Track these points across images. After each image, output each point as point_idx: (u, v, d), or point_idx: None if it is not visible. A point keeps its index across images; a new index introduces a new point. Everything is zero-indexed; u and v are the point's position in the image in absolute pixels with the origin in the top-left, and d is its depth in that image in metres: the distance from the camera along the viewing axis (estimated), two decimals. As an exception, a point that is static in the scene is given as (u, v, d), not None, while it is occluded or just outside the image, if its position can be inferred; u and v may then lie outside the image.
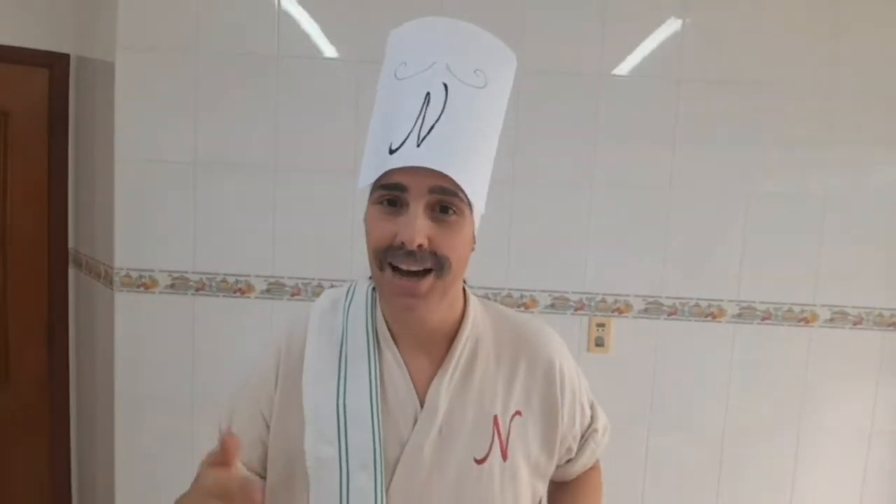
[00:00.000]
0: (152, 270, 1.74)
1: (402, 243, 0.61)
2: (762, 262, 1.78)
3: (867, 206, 1.78)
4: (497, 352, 0.75)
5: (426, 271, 0.63)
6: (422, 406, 0.70)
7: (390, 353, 0.71)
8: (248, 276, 1.74)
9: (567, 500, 0.85)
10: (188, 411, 1.77)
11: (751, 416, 1.82)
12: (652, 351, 1.79)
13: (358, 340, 0.72)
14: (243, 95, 1.71)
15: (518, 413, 0.74)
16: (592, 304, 1.77)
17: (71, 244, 2.03)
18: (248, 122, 1.71)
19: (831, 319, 1.80)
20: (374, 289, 0.76)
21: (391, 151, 0.62)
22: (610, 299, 1.77)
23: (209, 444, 1.95)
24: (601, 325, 1.77)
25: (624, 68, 1.72)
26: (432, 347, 0.72)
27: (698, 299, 1.78)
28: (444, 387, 0.71)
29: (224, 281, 1.74)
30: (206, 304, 1.74)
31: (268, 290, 1.75)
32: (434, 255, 0.63)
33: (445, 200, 0.63)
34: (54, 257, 1.99)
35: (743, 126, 1.74)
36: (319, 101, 1.71)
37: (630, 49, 1.71)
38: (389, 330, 0.72)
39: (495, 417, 0.72)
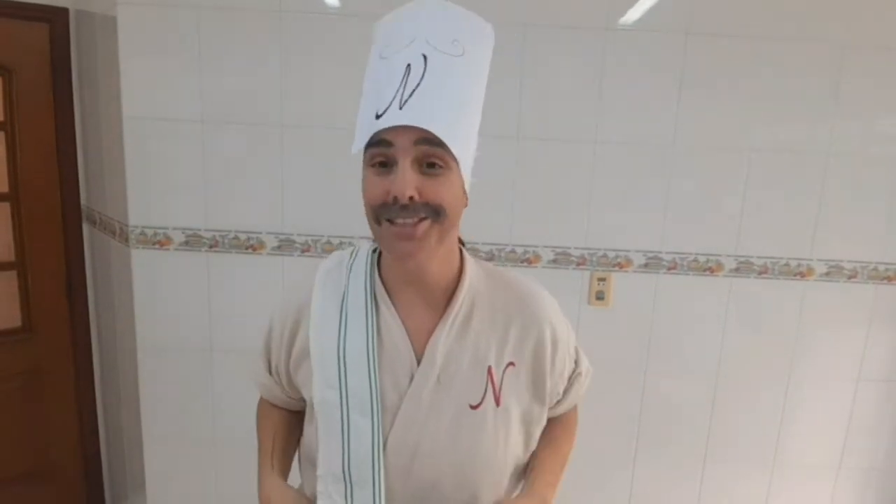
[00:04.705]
0: (166, 228, 1.78)
1: (395, 198, 0.66)
2: (762, 218, 1.81)
3: (869, 161, 1.79)
4: (492, 308, 0.81)
5: (421, 219, 0.68)
6: (417, 358, 0.77)
7: (386, 309, 0.78)
8: (260, 233, 1.79)
9: (543, 437, 0.92)
10: (207, 362, 1.86)
11: (743, 363, 1.89)
12: (650, 304, 1.85)
13: (357, 296, 0.78)
14: (247, 51, 1.69)
15: (511, 364, 0.80)
16: (594, 259, 1.82)
17: (83, 201, 2.07)
18: (254, 77, 1.70)
19: (827, 273, 1.84)
20: (374, 250, 0.83)
21: (377, 117, 0.67)
22: (611, 254, 1.82)
23: (228, 389, 2.05)
24: (602, 279, 1.82)
25: (630, 20, 1.69)
26: (432, 302, 0.78)
27: (697, 254, 1.82)
28: (443, 339, 0.77)
29: (236, 238, 1.79)
30: (219, 261, 1.80)
31: (279, 247, 1.79)
32: (426, 204, 0.68)
33: (431, 153, 0.67)
34: (68, 214, 2.03)
35: (748, 80, 1.72)
36: (324, 55, 1.69)
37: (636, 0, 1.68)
38: (386, 288, 0.79)
39: (489, 368, 0.79)
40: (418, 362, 0.77)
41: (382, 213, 0.69)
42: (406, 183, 0.66)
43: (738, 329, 1.87)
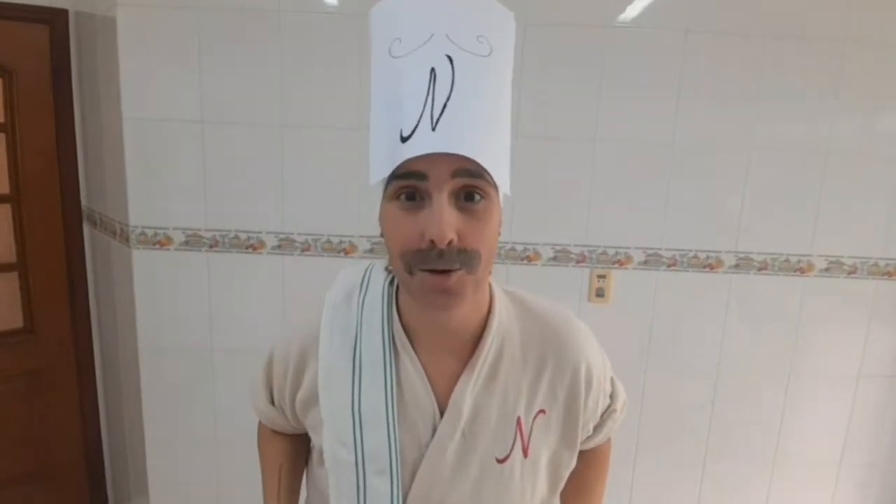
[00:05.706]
0: (166, 228, 1.78)
1: (432, 241, 0.56)
2: (762, 214, 1.81)
3: (869, 158, 1.79)
4: (523, 350, 0.73)
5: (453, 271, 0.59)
6: (441, 410, 0.69)
7: (408, 358, 0.69)
8: (260, 232, 1.79)
9: (576, 480, 0.84)
10: (208, 361, 1.86)
11: (743, 359, 1.90)
12: (650, 301, 1.85)
13: (373, 344, 0.69)
14: (247, 51, 1.70)
15: (542, 412, 0.73)
16: (594, 256, 1.82)
17: (83, 202, 2.07)
18: (253, 78, 1.70)
19: (827, 269, 1.85)
20: (391, 282, 0.73)
21: (403, 139, 0.56)
22: (611, 251, 1.82)
23: (229, 388, 2.05)
24: (602, 276, 1.82)
25: (629, 18, 1.69)
26: (457, 347, 0.70)
27: (697, 251, 1.83)
28: (469, 390, 0.69)
29: (236, 237, 1.79)
30: (219, 261, 1.80)
31: (279, 246, 1.80)
32: (463, 251, 0.58)
33: (471, 185, 0.57)
34: (68, 215, 2.04)
35: (748, 79, 1.73)
36: (323, 55, 1.69)
37: (637, -2, 1.69)
38: (407, 333, 0.70)
39: (518, 419, 0.71)
40: (441, 413, 0.69)
41: (417, 261, 0.58)
42: (445, 225, 0.55)
43: (738, 325, 1.87)
